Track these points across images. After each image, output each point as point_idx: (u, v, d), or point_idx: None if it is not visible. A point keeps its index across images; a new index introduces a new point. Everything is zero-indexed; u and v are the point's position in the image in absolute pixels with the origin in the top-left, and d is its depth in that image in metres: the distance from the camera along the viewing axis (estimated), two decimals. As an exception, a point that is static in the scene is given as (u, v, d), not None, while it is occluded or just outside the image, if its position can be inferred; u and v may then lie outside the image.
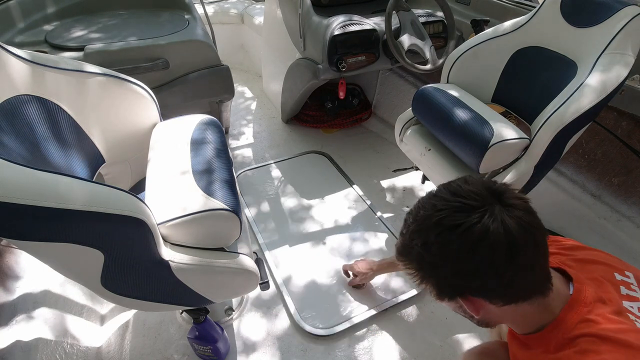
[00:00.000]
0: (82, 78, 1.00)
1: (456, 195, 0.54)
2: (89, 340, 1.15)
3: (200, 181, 0.90)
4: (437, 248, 0.53)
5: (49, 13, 1.64)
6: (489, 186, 0.55)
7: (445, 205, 0.54)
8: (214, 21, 1.77)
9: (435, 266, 0.55)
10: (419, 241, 0.55)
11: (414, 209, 0.59)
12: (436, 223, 0.53)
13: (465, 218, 0.51)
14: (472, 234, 0.50)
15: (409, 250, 0.57)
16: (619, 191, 1.42)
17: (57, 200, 0.60)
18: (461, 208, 0.53)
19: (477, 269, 0.52)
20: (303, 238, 1.55)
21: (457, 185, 0.56)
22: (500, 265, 0.51)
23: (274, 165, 1.96)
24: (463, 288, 0.56)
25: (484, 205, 0.52)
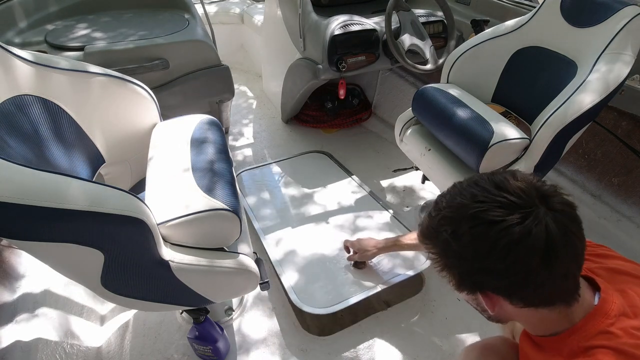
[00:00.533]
0: (82, 78, 1.01)
1: (501, 189, 0.51)
2: (89, 340, 1.15)
3: (201, 181, 0.90)
4: (469, 240, 0.51)
5: (49, 13, 1.64)
6: (537, 186, 0.51)
7: (486, 198, 0.51)
8: (214, 21, 1.77)
9: (461, 257, 0.53)
10: (449, 228, 0.53)
11: (450, 194, 0.55)
12: (473, 215, 0.50)
13: (506, 216, 0.48)
14: (512, 234, 0.48)
15: (435, 234, 0.55)
16: (619, 191, 1.42)
17: (57, 200, 0.60)
18: (504, 204, 0.49)
19: (507, 270, 0.50)
20: (304, 239, 1.55)
21: (503, 179, 0.52)
22: (533, 269, 0.49)
23: (274, 165, 1.96)
24: (487, 284, 0.54)
25: (529, 205, 0.49)
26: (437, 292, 1.36)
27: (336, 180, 1.83)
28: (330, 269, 1.37)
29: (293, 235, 1.51)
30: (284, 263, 1.40)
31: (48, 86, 0.95)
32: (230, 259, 0.89)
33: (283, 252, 1.45)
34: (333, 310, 1.21)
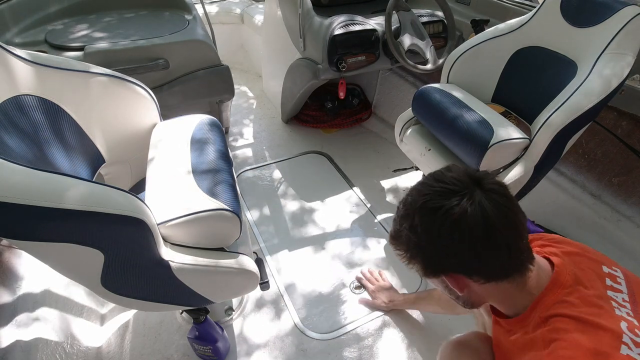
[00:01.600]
0: (82, 78, 1.01)
1: (439, 181, 0.59)
2: (89, 340, 1.15)
3: (201, 181, 0.90)
4: (422, 229, 0.58)
5: (49, 13, 1.64)
6: (469, 173, 0.59)
7: (429, 190, 0.58)
8: (214, 21, 1.77)
9: (420, 246, 0.60)
10: (407, 224, 0.60)
11: (404, 196, 0.63)
12: (420, 206, 0.58)
13: (445, 201, 0.56)
14: (452, 215, 0.55)
15: (399, 234, 0.62)
16: (619, 191, 1.42)
17: (57, 200, 0.60)
18: (443, 192, 0.57)
19: (456, 248, 0.57)
20: (303, 239, 1.55)
21: (440, 173, 0.60)
22: (477, 244, 0.55)
23: (274, 165, 1.96)
24: (445, 266, 0.60)
25: (463, 189, 0.56)
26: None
27: (335, 187, 1.83)
28: (330, 287, 1.37)
29: (293, 253, 1.50)
30: (287, 277, 1.40)
31: (48, 86, 0.95)
32: (230, 259, 0.89)
33: (285, 264, 1.45)
34: (336, 335, 1.23)
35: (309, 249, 1.51)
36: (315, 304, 1.31)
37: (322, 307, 1.30)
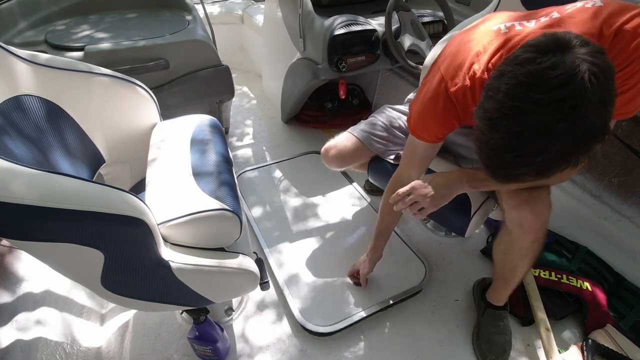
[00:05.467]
0: (83, 78, 1.01)
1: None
2: (89, 340, 1.15)
3: (201, 181, 0.90)
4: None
5: (49, 13, 1.64)
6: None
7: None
8: (214, 21, 1.77)
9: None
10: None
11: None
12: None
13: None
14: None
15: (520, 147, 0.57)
16: (619, 191, 1.42)
17: (57, 200, 0.60)
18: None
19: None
20: (304, 238, 1.55)
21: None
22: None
23: (274, 165, 1.96)
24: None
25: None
26: (436, 293, 1.36)
27: (336, 186, 1.82)
28: (331, 284, 1.37)
29: (294, 252, 1.50)
30: (288, 277, 1.39)
31: (48, 86, 0.95)
32: (230, 259, 0.89)
33: (285, 264, 1.45)
34: (337, 328, 1.21)
35: (310, 246, 1.51)
36: (316, 303, 1.31)
37: (323, 306, 1.30)
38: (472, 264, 1.47)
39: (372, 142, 1.28)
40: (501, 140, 0.58)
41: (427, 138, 0.93)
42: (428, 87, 0.87)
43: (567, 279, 1.32)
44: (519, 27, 0.77)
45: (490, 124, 0.59)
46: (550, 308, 1.27)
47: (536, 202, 0.92)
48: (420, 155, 1.00)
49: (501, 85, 0.57)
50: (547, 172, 0.59)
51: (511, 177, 0.62)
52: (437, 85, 0.83)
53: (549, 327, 1.20)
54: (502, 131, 0.57)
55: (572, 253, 1.44)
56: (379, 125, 1.29)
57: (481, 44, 0.79)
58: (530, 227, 0.94)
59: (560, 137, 0.54)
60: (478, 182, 0.95)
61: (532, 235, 0.96)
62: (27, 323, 1.02)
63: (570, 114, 0.53)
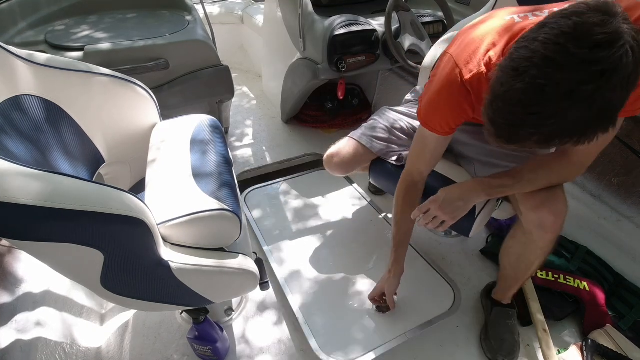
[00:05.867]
0: (82, 78, 1.01)
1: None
2: (89, 340, 1.15)
3: (200, 181, 0.90)
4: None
5: (49, 13, 1.64)
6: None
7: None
8: (214, 21, 1.77)
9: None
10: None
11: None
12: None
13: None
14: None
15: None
16: (619, 191, 1.42)
17: (56, 200, 0.60)
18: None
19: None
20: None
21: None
22: None
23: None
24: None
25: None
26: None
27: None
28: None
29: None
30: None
31: (48, 86, 0.95)
32: (230, 259, 0.89)
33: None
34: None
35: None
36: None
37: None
38: (472, 264, 1.47)
39: (374, 144, 1.27)
40: (521, 93, 0.55)
41: (439, 129, 0.91)
42: (439, 75, 0.84)
43: (565, 279, 1.32)
44: (532, 17, 0.76)
45: (514, 73, 0.56)
46: (550, 308, 1.27)
47: (554, 202, 0.93)
48: (432, 149, 0.98)
49: (539, 35, 0.54)
50: (552, 140, 0.58)
51: (515, 138, 0.60)
52: (449, 72, 0.81)
53: (546, 329, 1.20)
54: (526, 82, 0.54)
55: (571, 253, 1.44)
56: (380, 127, 1.29)
57: (495, 31, 0.77)
58: (550, 227, 0.95)
59: (580, 103, 0.53)
60: (493, 189, 0.95)
61: (553, 234, 0.97)
62: (26, 323, 1.02)
63: (598, 79, 0.51)
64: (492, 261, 1.48)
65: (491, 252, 1.48)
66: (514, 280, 1.16)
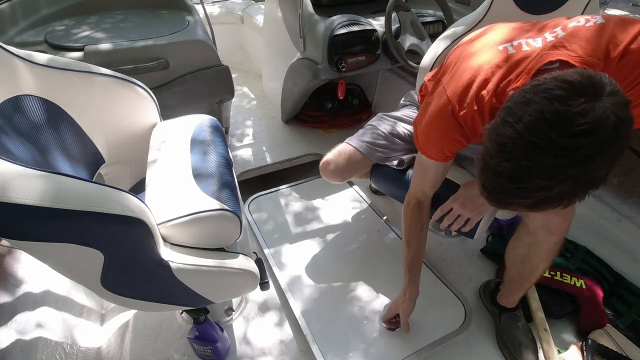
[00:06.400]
0: (83, 78, 1.01)
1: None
2: (89, 340, 1.15)
3: (200, 181, 0.90)
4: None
5: (49, 13, 1.64)
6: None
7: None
8: (214, 21, 1.77)
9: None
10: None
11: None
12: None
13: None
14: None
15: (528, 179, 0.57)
16: (619, 191, 1.42)
17: (56, 200, 0.60)
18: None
19: None
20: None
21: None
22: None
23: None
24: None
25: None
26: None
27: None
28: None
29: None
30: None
31: (48, 86, 0.95)
32: (230, 259, 0.89)
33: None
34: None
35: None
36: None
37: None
38: (472, 264, 1.47)
39: (374, 152, 1.26)
40: (508, 170, 0.58)
41: (436, 157, 0.92)
42: (434, 107, 0.85)
43: (561, 276, 1.32)
44: (526, 47, 0.76)
45: (501, 149, 0.58)
46: (550, 307, 1.27)
47: None
48: (432, 175, 0.99)
49: (524, 115, 0.56)
50: (540, 207, 0.61)
51: (505, 204, 0.63)
52: (443, 106, 0.82)
53: (547, 328, 1.20)
54: (512, 161, 0.57)
55: (571, 253, 1.44)
56: (378, 134, 1.28)
57: (488, 66, 0.77)
58: (557, 229, 0.95)
59: (566, 181, 0.55)
60: None
61: (558, 236, 0.98)
62: (26, 323, 1.02)
63: (583, 162, 0.54)
64: (493, 261, 1.48)
65: (491, 252, 1.48)
66: (519, 283, 1.16)
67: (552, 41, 0.73)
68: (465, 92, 0.79)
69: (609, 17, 0.73)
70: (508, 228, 1.53)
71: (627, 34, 0.69)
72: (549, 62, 0.70)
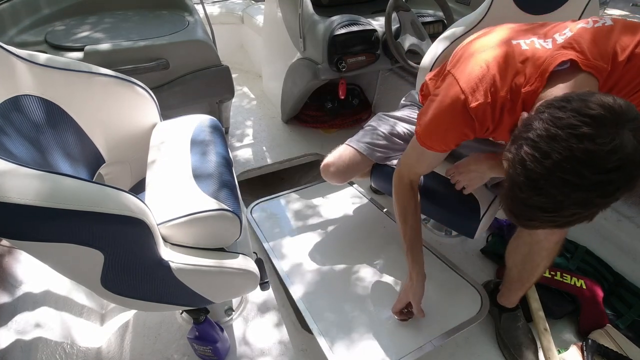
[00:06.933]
0: (82, 78, 1.01)
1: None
2: (89, 340, 1.15)
3: (200, 181, 0.90)
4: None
5: (49, 13, 1.64)
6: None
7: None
8: (214, 21, 1.77)
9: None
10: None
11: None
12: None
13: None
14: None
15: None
16: (619, 191, 1.42)
17: (56, 200, 0.60)
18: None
19: None
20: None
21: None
22: None
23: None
24: None
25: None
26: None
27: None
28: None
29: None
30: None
31: (48, 86, 0.95)
32: (230, 259, 0.89)
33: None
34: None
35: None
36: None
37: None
38: (472, 264, 1.47)
39: (374, 153, 1.26)
40: (540, 202, 0.59)
41: (438, 148, 0.91)
42: (442, 97, 0.83)
43: (561, 276, 1.32)
44: (538, 45, 0.77)
45: (533, 185, 0.59)
46: (550, 307, 1.27)
47: None
48: (429, 161, 0.99)
49: (552, 153, 0.56)
50: (569, 226, 0.64)
51: (531, 227, 0.66)
52: (455, 97, 0.80)
53: (547, 327, 1.20)
54: (544, 195, 0.58)
55: (571, 253, 1.44)
56: (378, 134, 1.28)
57: (502, 59, 0.78)
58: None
59: (595, 207, 0.59)
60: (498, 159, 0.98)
61: (559, 236, 0.98)
62: (26, 323, 1.02)
63: (613, 193, 0.57)
64: (492, 261, 1.48)
65: (491, 252, 1.48)
66: (519, 282, 1.16)
67: (562, 43, 0.75)
68: (479, 83, 0.78)
69: (616, 20, 0.74)
70: (508, 228, 1.53)
71: (634, 38, 0.71)
72: (561, 63, 0.71)
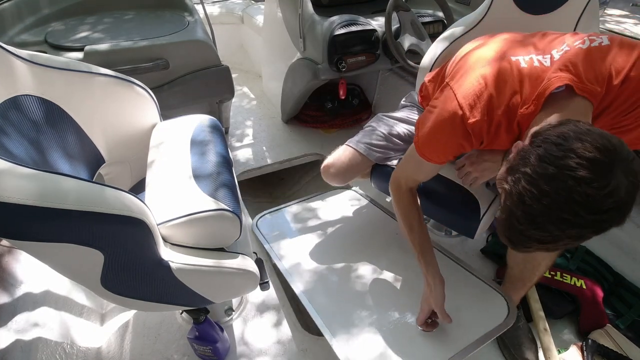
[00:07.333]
0: (82, 78, 1.01)
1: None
2: (89, 340, 1.15)
3: (200, 181, 0.90)
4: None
5: (49, 13, 1.64)
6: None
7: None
8: (214, 21, 1.77)
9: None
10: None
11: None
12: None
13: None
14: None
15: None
16: (619, 191, 1.42)
17: (56, 200, 0.60)
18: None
19: None
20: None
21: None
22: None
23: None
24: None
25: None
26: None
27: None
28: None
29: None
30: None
31: (48, 86, 0.95)
32: (230, 259, 0.89)
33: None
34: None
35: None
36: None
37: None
38: (472, 264, 1.47)
39: (373, 153, 1.26)
40: (538, 236, 0.62)
41: (436, 160, 0.92)
42: (441, 110, 0.84)
43: (562, 276, 1.32)
44: (536, 62, 0.79)
45: (530, 219, 0.61)
46: (550, 307, 1.27)
47: None
48: (427, 171, 1.00)
49: (550, 192, 0.58)
50: (554, 250, 0.69)
51: (523, 251, 0.69)
52: (452, 112, 0.81)
53: (547, 327, 1.20)
54: (541, 230, 0.61)
55: (571, 253, 1.44)
56: (378, 135, 1.28)
57: (500, 76, 0.78)
58: None
59: (586, 239, 0.63)
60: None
61: None
62: (26, 323, 1.02)
63: (606, 229, 0.61)
64: (492, 261, 1.48)
65: (491, 252, 1.48)
66: (521, 281, 1.16)
67: (559, 61, 0.76)
68: (476, 100, 0.79)
69: (613, 39, 0.75)
70: (508, 228, 1.53)
71: (629, 59, 0.73)
72: (557, 87, 0.72)
